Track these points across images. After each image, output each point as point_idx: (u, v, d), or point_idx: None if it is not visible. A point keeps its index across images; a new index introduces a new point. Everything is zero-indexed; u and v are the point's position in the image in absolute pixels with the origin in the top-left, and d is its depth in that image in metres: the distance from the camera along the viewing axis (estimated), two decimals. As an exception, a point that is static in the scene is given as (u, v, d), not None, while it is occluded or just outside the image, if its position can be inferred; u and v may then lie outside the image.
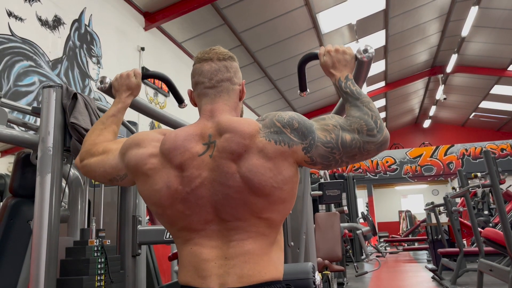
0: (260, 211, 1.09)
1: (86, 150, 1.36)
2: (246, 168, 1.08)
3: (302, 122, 1.14)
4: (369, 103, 1.19)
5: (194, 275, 1.09)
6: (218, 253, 1.09)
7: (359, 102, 1.20)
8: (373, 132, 1.13)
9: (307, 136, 1.12)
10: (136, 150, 1.18)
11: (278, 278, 1.12)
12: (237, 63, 1.27)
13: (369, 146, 1.12)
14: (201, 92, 1.23)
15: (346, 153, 1.13)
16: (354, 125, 1.14)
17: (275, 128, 1.12)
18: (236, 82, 1.25)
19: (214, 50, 1.24)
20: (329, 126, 1.14)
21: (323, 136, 1.13)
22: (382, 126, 1.14)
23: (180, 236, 1.15)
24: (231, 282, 1.06)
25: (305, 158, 1.12)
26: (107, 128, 1.42)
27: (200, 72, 1.22)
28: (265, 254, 1.10)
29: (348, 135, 1.12)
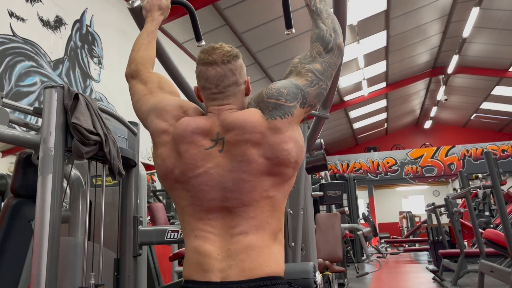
0: (268, 188, 1.16)
1: (136, 68, 1.46)
2: (269, 150, 1.16)
3: (287, 85, 1.27)
4: (327, 19, 1.39)
5: (197, 268, 1.12)
6: (221, 247, 1.12)
7: (319, 18, 1.40)
8: (329, 46, 1.34)
9: (296, 93, 1.25)
10: (155, 118, 1.28)
11: (280, 273, 1.14)
12: (241, 59, 1.29)
13: (333, 60, 1.33)
14: (209, 97, 1.26)
15: (326, 77, 1.30)
16: (313, 51, 1.33)
17: (272, 105, 1.22)
18: (241, 83, 1.27)
19: (218, 50, 1.25)
20: (301, 71, 1.30)
21: (305, 81, 1.27)
22: (336, 35, 1.35)
23: (186, 220, 1.19)
24: (233, 276, 1.08)
25: (306, 109, 1.26)
26: (150, 43, 1.56)
27: (206, 77, 1.24)
28: (266, 246, 1.13)
29: (317, 64, 1.30)
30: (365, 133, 19.33)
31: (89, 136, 1.60)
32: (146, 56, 1.51)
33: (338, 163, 16.13)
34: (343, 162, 16.21)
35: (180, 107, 1.28)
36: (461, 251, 5.97)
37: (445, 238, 7.45)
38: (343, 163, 16.18)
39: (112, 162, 1.74)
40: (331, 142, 18.24)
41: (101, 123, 1.72)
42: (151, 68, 1.50)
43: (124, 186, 2.10)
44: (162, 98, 1.33)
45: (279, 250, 1.18)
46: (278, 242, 1.18)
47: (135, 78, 1.45)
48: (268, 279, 1.09)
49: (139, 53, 1.51)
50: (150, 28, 1.61)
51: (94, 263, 1.77)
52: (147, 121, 1.31)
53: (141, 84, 1.42)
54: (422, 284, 6.54)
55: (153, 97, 1.36)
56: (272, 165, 1.16)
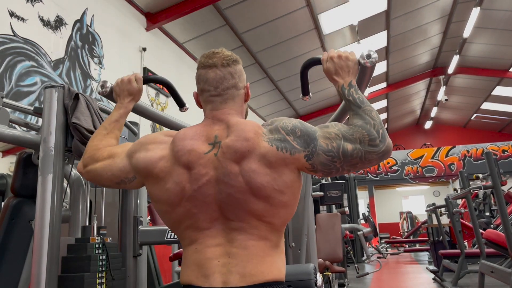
0: (262, 214, 1.11)
1: (89, 155, 1.34)
2: (248, 169, 1.10)
3: (305, 130, 1.16)
4: (371, 112, 1.19)
5: (197, 274, 1.10)
6: (222, 252, 1.10)
7: (361, 110, 1.20)
8: (375, 142, 1.14)
9: (309, 143, 1.14)
10: (144, 153, 1.20)
11: (281, 278, 1.13)
12: (241, 65, 1.27)
13: (371, 156, 1.14)
14: (207, 99, 1.24)
15: (346, 162, 1.14)
16: (356, 134, 1.14)
17: (279, 135, 1.14)
18: (240, 87, 1.26)
19: (218, 54, 1.24)
20: (332, 134, 1.15)
21: (325, 145, 1.14)
22: (385, 135, 1.15)
23: (185, 237, 1.16)
24: (234, 281, 1.07)
25: (306, 165, 1.14)
26: (109, 133, 1.42)
27: (205, 80, 1.23)
28: (267, 255, 1.12)
29: (349, 145, 1.13)
30: (365, 133, 19.31)
31: (89, 135, 1.59)
32: (100, 146, 1.36)
33: (339, 163, 16.09)
34: (343, 162, 16.16)
35: (165, 135, 1.23)
36: (461, 251, 5.97)
37: (446, 238, 7.45)
38: (344, 163, 16.14)
39: (113, 162, 1.74)
40: (331, 142, 18.21)
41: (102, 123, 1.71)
42: None
43: (124, 186, 2.09)
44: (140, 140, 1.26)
45: (281, 258, 1.16)
46: (279, 251, 1.16)
47: (89, 164, 1.33)
48: (269, 285, 1.09)
49: (93, 142, 1.39)
50: (115, 117, 1.46)
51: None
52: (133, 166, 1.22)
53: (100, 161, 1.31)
54: (422, 284, 6.53)
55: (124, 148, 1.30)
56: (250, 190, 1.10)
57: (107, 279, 1.68)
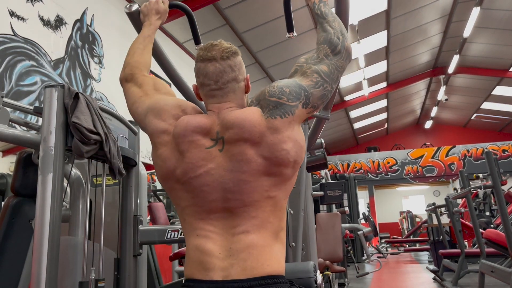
0: (269, 188, 1.15)
1: (131, 73, 1.44)
2: (267, 150, 1.15)
3: (290, 84, 1.24)
4: (334, 22, 1.38)
5: (198, 267, 1.12)
6: (222, 246, 1.12)
7: (325, 21, 1.39)
8: (337, 49, 1.33)
9: (299, 93, 1.23)
10: (154, 119, 1.26)
11: (280, 272, 1.14)
12: (240, 57, 1.28)
13: (340, 63, 1.32)
14: (208, 93, 1.25)
15: (332, 80, 1.28)
16: (320, 53, 1.32)
17: (273, 103, 1.20)
18: (240, 79, 1.26)
19: (217, 46, 1.24)
20: (307, 71, 1.28)
21: (310, 82, 1.25)
22: (344, 39, 1.34)
23: (187, 220, 1.19)
24: (235, 274, 1.09)
25: (308, 110, 1.24)
26: (145, 47, 1.55)
27: (205, 73, 1.23)
28: (268, 245, 1.13)
29: (323, 66, 1.29)
30: (365, 133, 19.33)
31: (89, 135, 1.60)
32: (141, 60, 1.49)
33: (339, 163, 16.13)
34: (343, 162, 16.21)
35: (178, 106, 1.27)
36: (461, 251, 5.97)
37: (446, 238, 7.45)
38: (344, 163, 16.18)
39: (113, 161, 1.74)
40: (331, 142, 18.24)
41: (102, 123, 1.72)
42: (146, 72, 1.48)
43: (124, 185, 2.10)
44: (159, 99, 1.32)
45: (281, 249, 1.18)
46: (280, 241, 1.18)
47: (129, 82, 1.44)
48: (269, 278, 1.10)
49: (134, 58, 1.50)
50: (147, 33, 1.60)
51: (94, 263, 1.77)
52: (144, 123, 1.30)
53: (136, 87, 1.41)
54: (422, 284, 6.53)
55: (149, 98, 1.35)
56: (271, 165, 1.15)
57: None
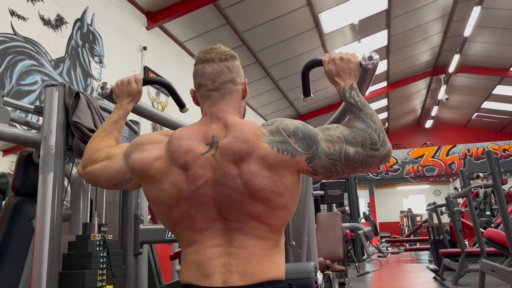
0: (260, 215, 1.10)
1: (88, 157, 1.34)
2: (247, 172, 1.08)
3: (307, 132, 1.14)
4: (373, 116, 1.19)
5: (197, 273, 1.10)
6: (222, 252, 1.10)
7: (362, 113, 1.20)
8: (377, 146, 1.13)
9: (311, 146, 1.12)
10: (140, 153, 1.18)
11: (281, 277, 1.13)
12: (238, 62, 1.26)
13: (371, 160, 1.13)
14: (204, 94, 1.22)
15: (348, 166, 1.13)
16: (358, 137, 1.14)
17: (280, 137, 1.12)
18: (238, 82, 1.24)
19: (216, 49, 1.23)
20: (334, 137, 1.14)
21: (327, 148, 1.13)
22: (385, 140, 1.15)
23: (184, 237, 1.15)
24: (234, 281, 1.06)
25: (307, 168, 1.13)
26: (108, 134, 1.41)
27: (203, 74, 1.22)
28: (267, 255, 1.11)
29: (351, 148, 1.13)
30: (366, 132, 19.30)
31: (90, 134, 1.60)
32: (99, 147, 1.36)
33: (339, 163, 16.09)
34: (344, 161, 16.17)
35: (162, 134, 1.22)
36: (462, 250, 5.97)
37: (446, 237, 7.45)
38: (344, 162, 16.14)
39: (113, 160, 1.74)
40: (332, 142, 18.21)
41: (102, 122, 1.72)
42: None
43: (125, 184, 2.09)
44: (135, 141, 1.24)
45: (280, 256, 1.16)
46: (279, 250, 1.16)
47: (89, 165, 1.32)
48: (269, 284, 1.08)
49: (92, 144, 1.38)
50: (114, 118, 1.45)
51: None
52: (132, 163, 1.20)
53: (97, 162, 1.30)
54: (423, 283, 6.54)
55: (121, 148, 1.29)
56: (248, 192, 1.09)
57: (108, 276, 1.68)
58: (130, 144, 1.24)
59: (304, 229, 2.46)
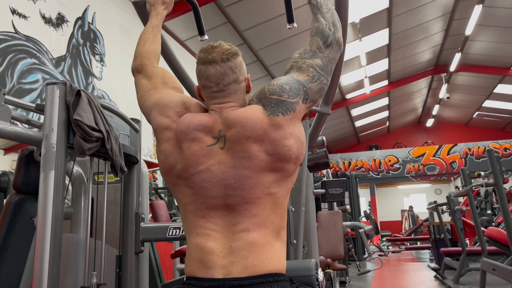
0: (270, 185, 1.16)
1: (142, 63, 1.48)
2: (270, 146, 1.16)
3: (289, 81, 1.26)
4: (327, 13, 1.41)
5: (199, 265, 1.12)
6: (223, 244, 1.12)
7: (319, 12, 1.42)
8: (329, 40, 1.35)
9: (299, 88, 1.25)
10: (158, 115, 1.28)
11: (281, 270, 1.15)
12: (240, 57, 1.28)
13: (332, 55, 1.34)
14: (210, 96, 1.26)
15: (326, 73, 1.31)
16: (313, 46, 1.34)
17: (274, 101, 1.22)
18: (241, 80, 1.27)
19: (217, 48, 1.24)
20: (302, 66, 1.30)
21: (307, 77, 1.28)
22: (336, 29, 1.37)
23: (188, 218, 1.19)
24: (236, 272, 1.09)
25: (307, 105, 1.27)
26: (155, 37, 1.58)
27: (206, 76, 1.24)
28: (268, 243, 1.13)
29: (317, 59, 1.31)
30: (367, 131, 19.32)
31: (91, 132, 1.60)
32: (151, 50, 1.52)
33: (340, 161, 16.13)
34: (345, 160, 16.21)
35: (182, 104, 1.28)
36: (463, 249, 5.96)
37: (447, 236, 7.44)
38: (345, 161, 16.18)
39: (114, 159, 1.74)
40: (333, 140, 18.23)
41: (103, 120, 1.72)
42: (156, 62, 1.52)
43: (126, 183, 2.10)
44: (165, 94, 1.34)
45: (281, 247, 1.18)
46: (281, 240, 1.18)
47: (140, 73, 1.47)
48: (270, 276, 1.10)
49: (144, 47, 1.53)
50: (155, 22, 1.62)
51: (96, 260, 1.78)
52: (150, 117, 1.32)
53: (146, 79, 1.43)
54: (423, 282, 6.53)
55: (157, 93, 1.37)
56: (273, 161, 1.16)
57: None
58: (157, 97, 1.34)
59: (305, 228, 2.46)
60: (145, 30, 1.61)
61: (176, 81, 1.45)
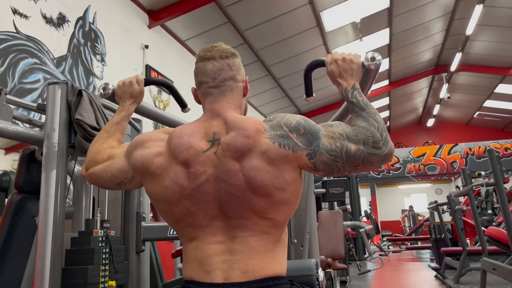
0: (263, 211, 1.10)
1: (90, 158, 1.35)
2: (249, 167, 1.08)
3: (309, 127, 1.14)
4: (375, 115, 1.19)
5: (198, 270, 1.10)
6: (223, 248, 1.10)
7: (365, 113, 1.19)
8: (379, 145, 1.12)
9: (312, 142, 1.12)
10: (141, 150, 1.19)
11: (282, 273, 1.13)
12: (239, 59, 1.27)
13: (373, 158, 1.12)
14: (205, 91, 1.23)
15: (349, 163, 1.13)
16: (360, 135, 1.13)
17: (282, 132, 1.12)
18: (239, 80, 1.25)
19: (216, 47, 1.24)
20: (335, 134, 1.14)
21: (328, 144, 1.12)
22: (388, 139, 1.14)
23: (185, 234, 1.15)
24: (235, 277, 1.07)
25: (308, 164, 1.12)
26: (111, 136, 1.42)
27: (203, 71, 1.22)
28: (269, 251, 1.11)
29: (353, 145, 1.12)
30: (367, 131, 19.29)
31: (92, 132, 1.60)
32: (101, 148, 1.37)
33: (341, 161, 16.09)
34: (345, 160, 16.16)
35: (163, 132, 1.22)
36: (463, 249, 5.96)
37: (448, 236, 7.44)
38: (346, 161, 16.14)
39: (115, 158, 1.74)
40: (333, 140, 18.20)
41: (105, 119, 1.72)
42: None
43: (127, 182, 2.10)
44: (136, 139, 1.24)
45: (283, 252, 1.16)
46: (281, 245, 1.16)
47: (91, 167, 1.33)
48: (270, 280, 1.08)
49: (94, 146, 1.39)
50: (116, 120, 1.46)
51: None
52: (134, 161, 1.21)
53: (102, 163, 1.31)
54: (424, 281, 6.53)
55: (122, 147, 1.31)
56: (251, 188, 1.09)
57: (110, 272, 1.69)
58: (131, 143, 1.25)
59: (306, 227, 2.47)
60: (103, 128, 1.46)
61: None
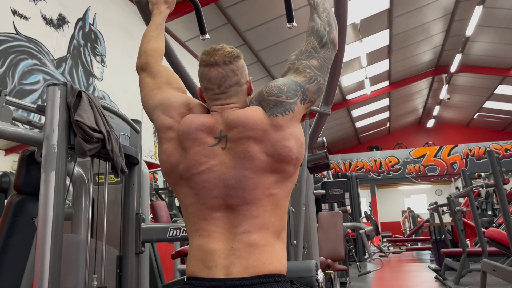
0: (271, 186, 1.18)
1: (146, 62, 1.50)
2: (271, 147, 1.18)
3: (286, 82, 1.28)
4: (323, 13, 1.43)
5: (200, 265, 1.14)
6: (224, 244, 1.14)
7: (315, 12, 1.45)
8: (324, 40, 1.37)
9: (296, 89, 1.27)
10: (161, 114, 1.29)
11: (282, 271, 1.16)
12: (242, 60, 1.30)
13: (327, 55, 1.35)
14: (211, 97, 1.28)
15: (323, 73, 1.33)
16: (309, 46, 1.35)
17: (273, 102, 1.23)
18: (243, 82, 1.29)
19: (219, 51, 1.26)
20: (299, 67, 1.32)
21: (304, 78, 1.29)
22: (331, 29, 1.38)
23: (190, 219, 1.21)
24: (236, 272, 1.10)
25: (306, 105, 1.28)
26: (158, 35, 1.60)
27: (208, 78, 1.26)
28: (269, 245, 1.15)
29: (313, 60, 1.32)
30: (367, 132, 19.31)
31: (92, 133, 1.60)
32: (156, 48, 1.55)
33: (341, 162, 16.12)
34: (345, 161, 16.20)
35: (185, 104, 1.30)
36: (463, 250, 5.96)
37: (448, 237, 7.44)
38: (346, 162, 16.17)
39: (115, 159, 1.75)
40: (333, 141, 18.23)
41: (104, 121, 1.72)
42: (160, 60, 1.54)
43: (126, 183, 2.10)
44: (169, 95, 1.35)
45: (282, 248, 1.19)
46: (281, 241, 1.19)
47: (144, 71, 1.49)
48: (271, 276, 1.11)
49: (149, 45, 1.55)
50: (158, 21, 1.65)
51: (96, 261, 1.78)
52: (153, 116, 1.34)
53: (150, 78, 1.45)
54: (424, 283, 6.53)
55: (161, 93, 1.38)
56: (273, 162, 1.18)
57: None
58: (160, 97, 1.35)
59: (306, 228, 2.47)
60: (148, 28, 1.63)
61: (180, 81, 1.46)
